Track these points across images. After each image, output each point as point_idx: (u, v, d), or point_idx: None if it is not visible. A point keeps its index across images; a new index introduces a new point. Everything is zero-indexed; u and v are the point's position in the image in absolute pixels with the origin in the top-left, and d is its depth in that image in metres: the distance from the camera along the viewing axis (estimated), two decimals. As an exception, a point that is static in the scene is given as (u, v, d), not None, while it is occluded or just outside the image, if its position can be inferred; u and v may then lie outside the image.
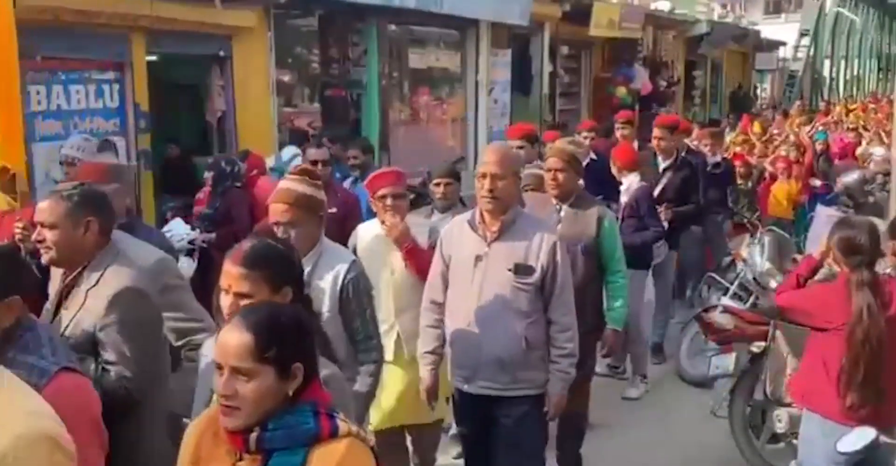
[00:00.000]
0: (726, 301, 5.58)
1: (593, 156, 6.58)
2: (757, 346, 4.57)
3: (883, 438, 2.92)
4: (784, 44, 26.92)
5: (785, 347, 4.41)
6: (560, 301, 3.32)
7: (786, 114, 16.78)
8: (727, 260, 6.87)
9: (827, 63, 26.53)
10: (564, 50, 15.73)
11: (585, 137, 7.19)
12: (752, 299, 5.88)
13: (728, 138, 11.42)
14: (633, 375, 5.89)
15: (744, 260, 6.13)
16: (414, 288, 3.78)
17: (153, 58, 8.11)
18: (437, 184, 4.51)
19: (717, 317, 4.85)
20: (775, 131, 13.11)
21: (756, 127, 12.83)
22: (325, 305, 2.92)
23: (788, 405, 4.28)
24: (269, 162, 7.85)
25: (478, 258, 3.29)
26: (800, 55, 24.29)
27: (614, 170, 5.90)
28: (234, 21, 8.50)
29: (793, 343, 4.28)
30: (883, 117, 13.94)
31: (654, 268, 5.97)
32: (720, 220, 7.61)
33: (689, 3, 24.53)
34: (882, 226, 3.76)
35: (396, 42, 11.67)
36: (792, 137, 11.42)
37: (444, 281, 3.45)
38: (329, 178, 5.20)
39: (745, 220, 7.65)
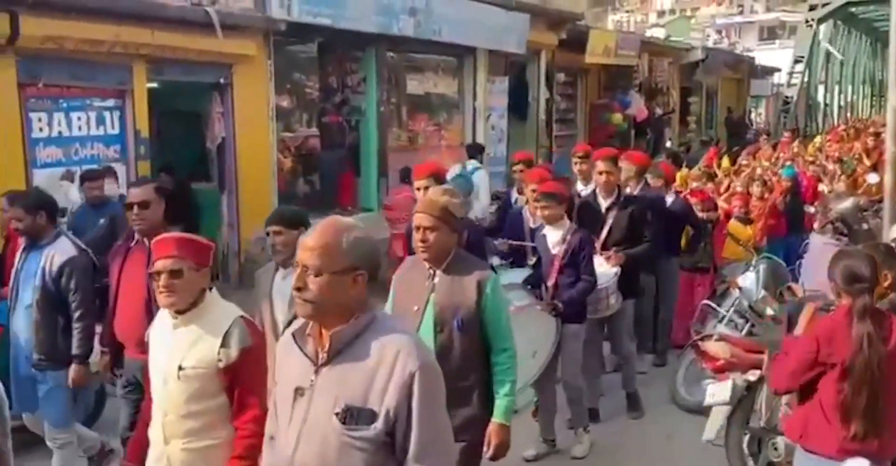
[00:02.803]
0: (722, 329, 5.60)
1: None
2: (753, 374, 4.60)
3: (875, 470, 2.95)
4: (779, 70, 27.22)
5: (780, 375, 4.43)
6: (425, 463, 2.12)
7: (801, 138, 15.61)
8: (722, 287, 6.90)
9: (821, 89, 26.78)
10: (561, 77, 15.91)
11: (514, 171, 6.93)
12: (747, 327, 5.90)
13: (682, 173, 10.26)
14: (576, 429, 5.28)
15: (739, 288, 6.16)
16: (192, 407, 2.88)
17: (154, 85, 8.22)
18: (268, 234, 3.69)
19: (713, 345, 4.88)
20: (743, 162, 11.90)
21: (725, 162, 11.56)
22: None
23: (784, 433, 4.30)
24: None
25: (298, 391, 2.15)
26: (794, 81, 24.50)
27: (553, 210, 4.97)
28: (235, 49, 8.63)
29: (788, 371, 4.30)
30: (870, 146, 13.22)
31: (608, 320, 5.50)
32: (672, 266, 6.96)
33: (684, 30, 24.85)
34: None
35: (395, 69, 11.81)
36: (759, 171, 10.27)
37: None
38: (154, 226, 3.98)
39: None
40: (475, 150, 9.97)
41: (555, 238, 5.00)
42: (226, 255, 9.05)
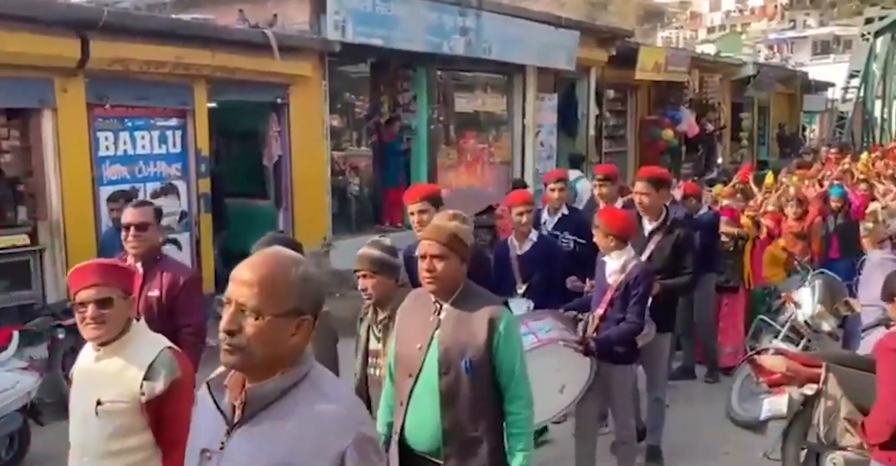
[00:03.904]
0: (778, 343, 5.56)
1: (565, 210, 6.03)
2: (810, 388, 4.56)
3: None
4: (832, 85, 26.74)
5: (838, 390, 4.38)
6: None
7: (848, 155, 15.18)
8: (777, 302, 6.84)
9: (878, 104, 26.24)
10: (610, 93, 15.90)
11: (552, 189, 6.20)
12: (803, 342, 5.86)
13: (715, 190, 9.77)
14: None
15: (795, 303, 6.11)
16: (113, 446, 2.63)
17: (214, 105, 8.49)
18: None
19: (770, 359, 4.84)
20: (783, 179, 11.25)
21: (769, 178, 11.03)
22: None
23: (843, 448, 4.25)
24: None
25: (205, 454, 1.82)
26: (849, 96, 24.06)
27: (600, 241, 4.56)
28: (292, 70, 8.87)
29: (846, 385, 4.26)
30: None
31: (643, 353, 4.85)
32: (705, 282, 6.50)
33: (735, 46, 24.61)
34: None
35: (445, 87, 11.98)
36: (792, 190, 9.75)
37: None
38: (150, 250, 3.92)
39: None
40: (578, 160, 9.82)
41: (614, 266, 4.52)
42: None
